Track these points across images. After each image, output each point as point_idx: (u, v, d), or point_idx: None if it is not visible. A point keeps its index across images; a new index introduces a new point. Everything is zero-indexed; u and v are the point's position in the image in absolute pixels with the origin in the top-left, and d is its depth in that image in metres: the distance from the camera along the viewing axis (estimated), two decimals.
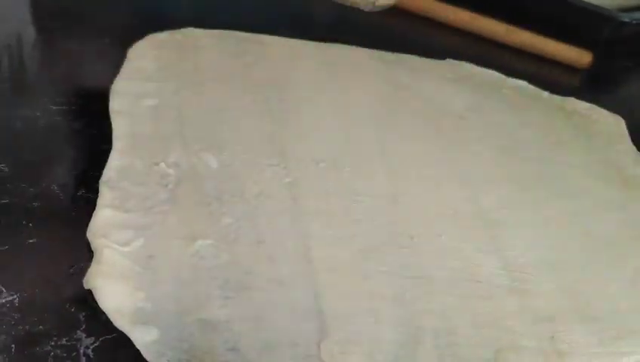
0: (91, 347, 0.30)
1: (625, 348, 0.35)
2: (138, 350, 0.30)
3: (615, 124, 0.54)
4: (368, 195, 0.41)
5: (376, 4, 0.45)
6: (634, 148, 0.52)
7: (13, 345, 0.30)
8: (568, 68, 0.63)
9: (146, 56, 0.48)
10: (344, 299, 0.34)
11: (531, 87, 0.57)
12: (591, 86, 0.62)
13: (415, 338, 0.33)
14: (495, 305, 0.36)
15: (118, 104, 0.44)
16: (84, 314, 0.31)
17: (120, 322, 0.31)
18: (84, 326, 0.31)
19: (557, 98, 0.56)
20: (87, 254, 0.34)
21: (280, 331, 0.32)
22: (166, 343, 0.30)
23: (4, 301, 0.31)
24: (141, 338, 0.30)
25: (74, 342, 0.30)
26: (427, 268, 0.37)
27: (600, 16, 0.64)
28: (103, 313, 0.31)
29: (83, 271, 0.33)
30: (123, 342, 0.31)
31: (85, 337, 0.31)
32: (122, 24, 0.52)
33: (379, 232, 0.38)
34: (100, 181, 0.38)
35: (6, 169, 0.39)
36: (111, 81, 0.45)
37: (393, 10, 0.65)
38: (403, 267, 0.37)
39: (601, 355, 0.34)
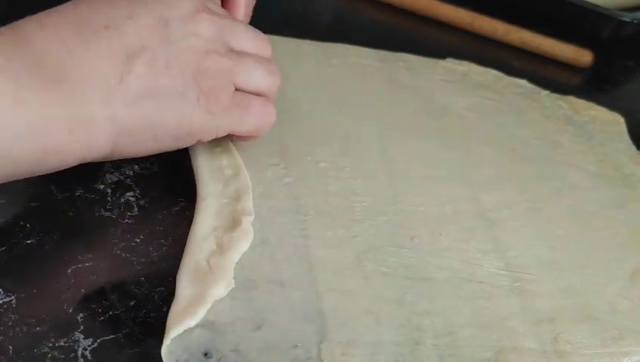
0: (89, 349, 0.30)
1: (626, 348, 0.35)
2: (135, 352, 0.30)
3: (615, 123, 0.54)
4: (368, 195, 0.40)
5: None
6: (633, 147, 0.52)
7: (10, 347, 0.29)
8: (568, 67, 0.63)
9: None
10: (345, 300, 0.34)
11: (531, 86, 0.57)
12: (591, 85, 0.62)
13: (416, 339, 0.33)
14: (496, 306, 0.35)
15: None
16: (82, 315, 0.31)
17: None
18: (82, 328, 0.31)
19: (557, 97, 0.56)
20: (85, 254, 0.34)
21: (280, 332, 0.32)
22: (175, 342, 0.30)
23: (1, 302, 0.31)
24: None
25: (72, 344, 0.30)
26: (427, 269, 0.37)
27: (600, 15, 0.64)
28: (101, 315, 0.31)
29: (81, 271, 0.33)
30: (121, 343, 0.31)
31: (83, 339, 0.30)
32: None
33: (379, 232, 0.38)
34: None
35: None
36: None
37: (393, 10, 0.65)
38: (403, 267, 0.36)
39: (603, 355, 0.34)
